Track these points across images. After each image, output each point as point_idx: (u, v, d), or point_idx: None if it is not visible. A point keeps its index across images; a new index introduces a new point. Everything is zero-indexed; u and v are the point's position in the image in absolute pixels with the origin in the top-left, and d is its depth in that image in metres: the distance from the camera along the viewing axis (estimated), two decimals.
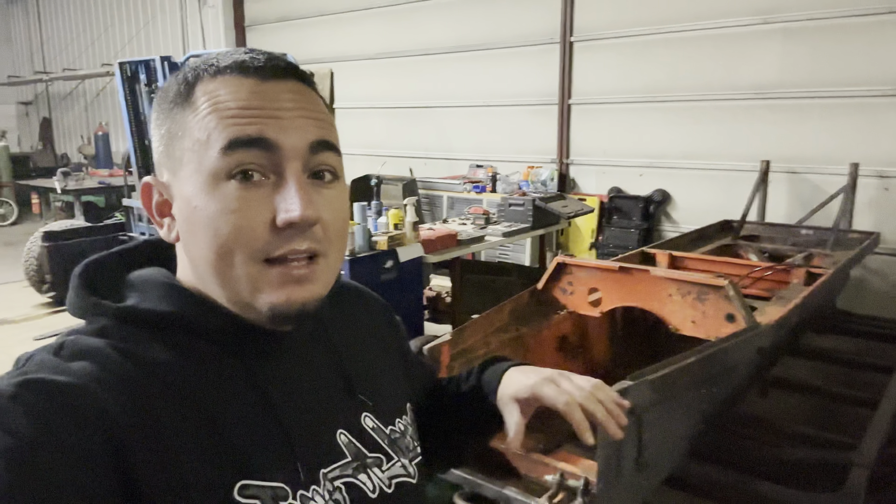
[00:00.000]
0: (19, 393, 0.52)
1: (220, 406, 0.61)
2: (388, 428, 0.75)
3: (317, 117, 0.65)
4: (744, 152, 5.11)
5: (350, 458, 0.69)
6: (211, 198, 0.60)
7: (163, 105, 0.66)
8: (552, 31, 6.02)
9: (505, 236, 4.16)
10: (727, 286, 2.44)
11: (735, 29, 5.07)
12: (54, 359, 0.58)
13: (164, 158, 0.65)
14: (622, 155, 5.81)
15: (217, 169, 0.60)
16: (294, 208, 0.60)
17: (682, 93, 5.39)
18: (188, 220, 0.63)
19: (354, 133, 7.87)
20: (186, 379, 0.61)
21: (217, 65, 0.63)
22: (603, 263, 2.85)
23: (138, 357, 0.60)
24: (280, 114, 0.62)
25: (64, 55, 12.50)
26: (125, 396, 0.56)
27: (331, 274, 0.66)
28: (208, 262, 0.62)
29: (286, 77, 0.64)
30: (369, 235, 3.35)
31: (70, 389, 0.54)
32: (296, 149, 0.62)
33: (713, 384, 2.24)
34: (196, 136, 0.61)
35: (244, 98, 0.61)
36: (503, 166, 6.32)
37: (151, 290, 0.65)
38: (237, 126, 0.60)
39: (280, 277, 0.61)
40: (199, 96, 0.62)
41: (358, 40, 7.64)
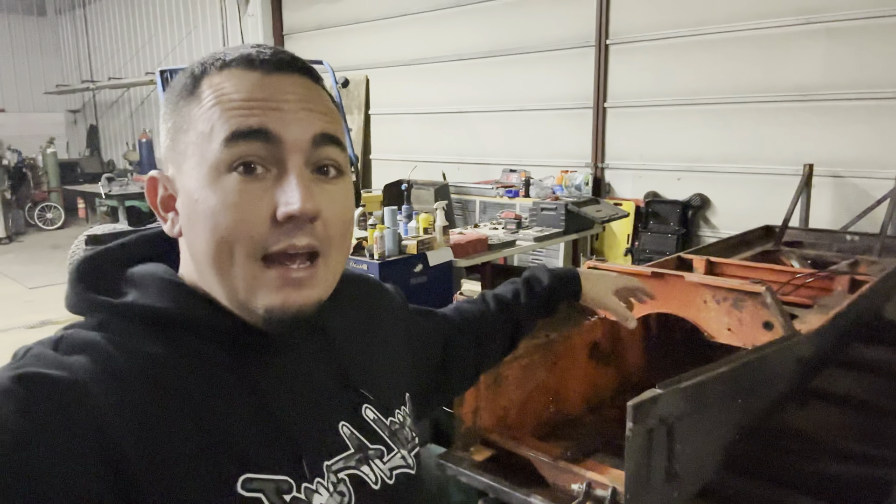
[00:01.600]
0: (13, 387, 0.52)
1: (218, 403, 0.61)
2: (388, 419, 0.75)
3: (321, 111, 0.64)
4: (786, 156, 4.97)
5: (353, 449, 0.68)
6: (212, 191, 0.60)
7: (170, 99, 0.66)
8: (587, 34, 5.95)
9: (537, 241, 4.12)
10: (764, 292, 2.35)
11: (776, 29, 4.93)
12: (52, 353, 0.57)
13: (170, 153, 0.65)
14: (659, 159, 5.71)
15: (219, 161, 0.60)
16: (294, 201, 0.59)
17: (722, 95, 5.27)
18: (189, 214, 0.62)
19: (389, 139, 7.94)
20: (183, 375, 0.60)
21: (224, 59, 0.64)
22: (635, 268, 2.79)
23: (136, 352, 0.59)
24: (283, 106, 0.61)
25: (110, 64, 12.89)
26: (121, 393, 0.56)
27: (331, 276, 0.65)
28: (208, 256, 0.61)
29: (291, 70, 0.64)
30: (399, 239, 3.35)
31: (65, 385, 0.53)
32: (298, 141, 0.61)
33: (749, 394, 2.16)
34: (200, 129, 0.61)
35: (247, 90, 0.61)
36: (537, 171, 6.27)
37: (150, 286, 0.65)
38: (240, 118, 0.60)
39: (278, 279, 0.61)
40: (205, 89, 0.62)
41: (393, 47, 7.69)
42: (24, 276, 7.53)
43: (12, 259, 8.68)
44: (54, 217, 11.14)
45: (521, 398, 2.46)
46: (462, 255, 3.58)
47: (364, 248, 3.31)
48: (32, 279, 7.36)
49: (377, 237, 3.23)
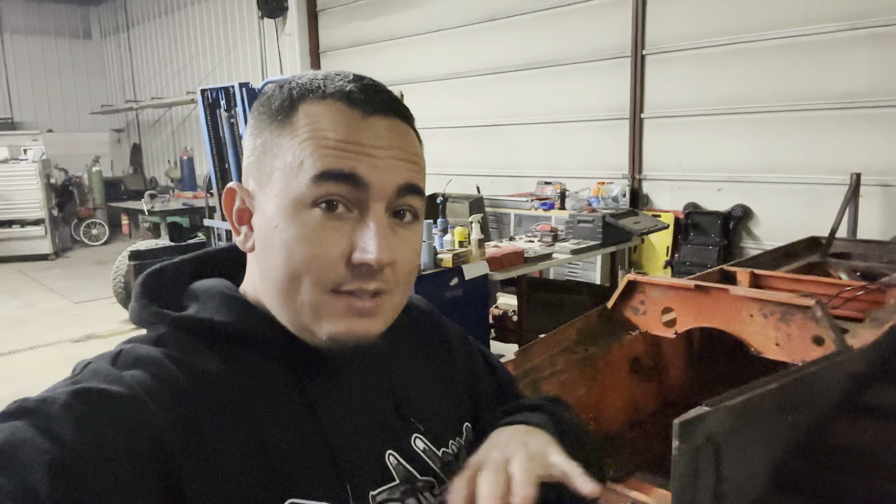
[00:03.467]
0: (71, 402, 0.52)
1: (271, 422, 0.61)
2: (440, 450, 0.72)
3: (410, 159, 0.65)
4: (832, 165, 4.82)
5: (398, 480, 0.67)
6: (292, 222, 0.61)
7: (262, 116, 0.66)
8: (622, 44, 5.90)
9: (573, 253, 4.06)
10: (814, 306, 2.27)
11: (820, 36, 4.81)
12: (110, 367, 0.58)
13: (254, 169, 0.65)
14: (699, 169, 5.60)
15: (303, 196, 0.61)
16: (371, 250, 0.60)
17: (763, 104, 5.15)
18: (266, 237, 0.63)
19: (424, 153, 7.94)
20: (239, 392, 0.61)
21: (324, 89, 0.64)
22: (677, 282, 2.72)
23: (193, 368, 0.60)
24: (375, 152, 0.62)
25: (152, 85, 13.26)
26: (176, 409, 0.56)
27: (394, 311, 0.66)
28: (277, 283, 0.62)
29: (389, 113, 0.64)
30: (435, 253, 3.33)
31: (122, 400, 0.54)
32: (384, 189, 0.62)
33: (799, 411, 2.08)
34: (289, 160, 0.62)
35: (344, 130, 0.61)
36: (572, 183, 6.21)
37: (211, 300, 0.66)
38: (332, 158, 0.61)
39: (344, 308, 0.61)
40: (301, 118, 0.62)
41: (427, 62, 7.74)
42: (70, 291, 7.73)
43: (58, 274, 8.93)
44: (99, 233, 11.45)
45: None
46: (498, 268, 3.55)
47: None
48: (78, 294, 7.56)
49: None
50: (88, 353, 2.26)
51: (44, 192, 9.93)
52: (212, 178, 5.97)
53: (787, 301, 2.37)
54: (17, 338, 5.88)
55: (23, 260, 9.80)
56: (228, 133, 5.59)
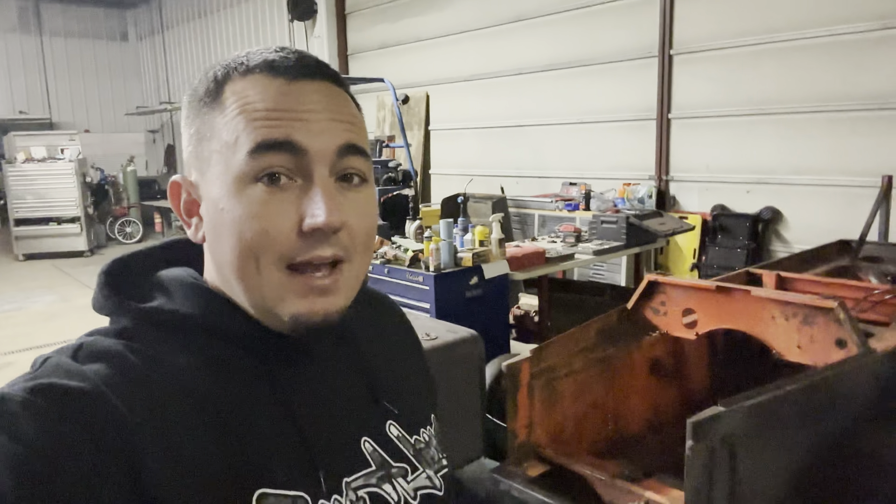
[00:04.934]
0: (29, 399, 0.51)
1: (241, 412, 0.60)
2: (412, 437, 0.72)
3: (346, 120, 0.63)
4: (863, 167, 4.72)
5: (374, 467, 0.66)
6: (237, 201, 0.59)
7: (192, 104, 0.65)
8: (650, 45, 5.85)
9: (596, 254, 4.04)
10: (837, 308, 2.23)
11: (851, 36, 4.71)
12: (70, 361, 0.57)
13: (193, 158, 0.64)
14: (727, 171, 5.52)
15: (244, 172, 0.59)
16: (319, 213, 0.59)
17: (793, 104, 5.06)
18: (214, 222, 0.62)
19: (448, 154, 7.99)
20: (206, 384, 0.60)
21: (247, 63, 0.63)
22: (699, 282, 2.69)
23: (157, 360, 0.59)
24: (308, 116, 0.60)
25: (186, 86, 13.47)
26: (140, 402, 0.55)
27: (354, 282, 0.64)
28: (232, 265, 0.61)
29: (315, 77, 0.63)
30: (455, 252, 3.34)
31: (82, 395, 0.53)
32: (323, 152, 0.61)
33: (820, 414, 2.04)
34: (224, 138, 0.61)
35: (272, 99, 0.60)
36: (598, 184, 6.17)
37: (177, 291, 0.65)
38: (264, 129, 0.59)
39: (303, 287, 0.60)
40: (228, 96, 0.62)
41: (453, 63, 7.76)
42: None
43: (93, 271, 9.07)
44: (133, 231, 11.71)
45: (576, 414, 2.40)
46: (518, 268, 3.54)
47: (420, 261, 3.32)
48: None
49: (433, 249, 3.24)
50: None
51: (80, 190, 10.18)
52: None
53: (810, 303, 2.33)
54: (50, 331, 6.03)
55: (59, 257, 10.06)
56: None
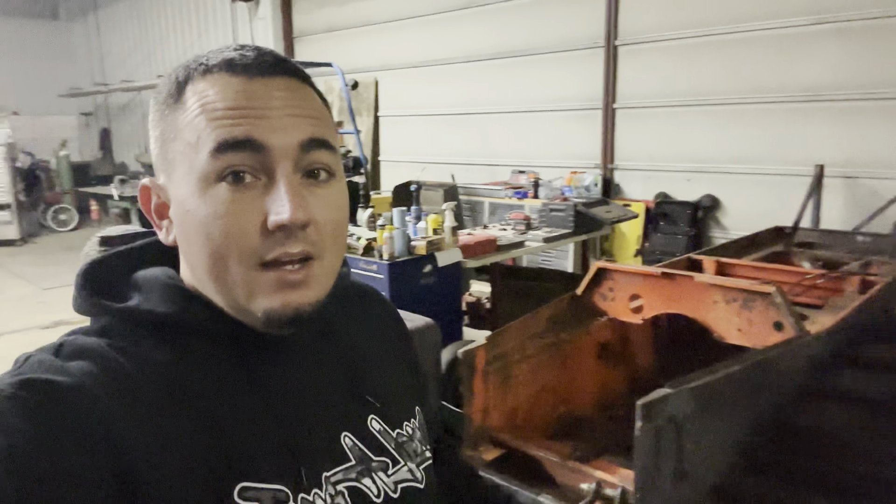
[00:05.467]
0: (16, 393, 0.52)
1: (221, 408, 0.60)
2: (395, 431, 0.73)
3: (309, 114, 0.63)
4: (797, 156, 4.95)
5: (354, 461, 0.67)
6: (202, 201, 0.60)
7: (157, 107, 0.65)
8: (596, 35, 5.95)
9: (545, 242, 4.12)
10: (774, 293, 2.35)
11: (786, 30, 4.91)
12: (53, 358, 0.57)
13: (160, 161, 0.64)
14: (669, 160, 5.70)
15: (207, 172, 0.59)
16: (283, 210, 0.59)
17: (732, 96, 5.26)
18: (183, 223, 0.62)
19: (398, 140, 7.96)
20: (187, 379, 0.60)
21: (206, 63, 0.63)
22: (645, 269, 2.79)
23: (138, 357, 0.59)
24: (268, 113, 0.60)
25: (122, 67, 13.00)
26: (123, 396, 0.56)
27: (327, 277, 0.65)
28: (203, 265, 0.62)
29: (275, 73, 0.63)
30: (408, 240, 3.36)
31: (67, 389, 0.54)
32: (285, 148, 0.60)
33: (759, 394, 2.16)
34: (186, 139, 0.61)
35: (231, 98, 0.60)
36: (546, 172, 6.27)
37: (154, 291, 0.65)
38: (225, 128, 0.59)
39: (275, 282, 0.61)
40: (189, 97, 0.62)
41: (402, 49, 7.72)
42: (38, 278, 7.60)
43: (26, 261, 8.76)
44: (67, 219, 11.24)
45: (530, 398, 2.46)
46: (471, 255, 3.59)
47: (374, 249, 3.32)
48: (46, 280, 7.43)
49: (386, 238, 3.24)
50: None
51: (10, 176, 9.71)
52: None
53: (749, 288, 2.44)
54: None
55: None
56: None
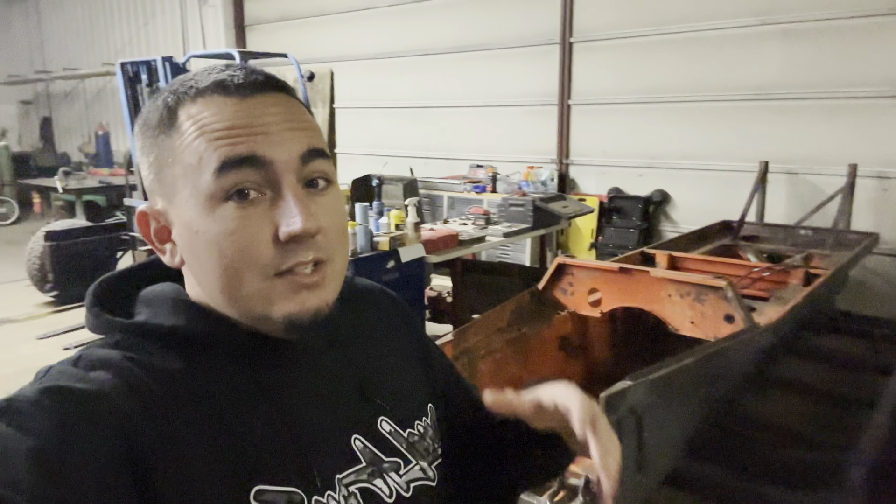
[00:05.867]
0: (40, 399, 0.54)
1: (234, 415, 0.62)
2: (406, 431, 0.75)
3: (303, 127, 0.65)
4: (743, 153, 5.13)
5: (365, 463, 0.69)
6: (211, 221, 0.61)
7: (147, 133, 0.66)
8: (552, 31, 6.04)
9: (506, 237, 4.18)
10: (726, 287, 2.46)
11: (734, 30, 5.09)
12: (73, 369, 0.59)
13: (156, 185, 0.65)
14: (622, 155, 5.84)
15: (212, 192, 0.61)
16: (295, 222, 0.60)
17: (682, 93, 5.41)
18: (191, 245, 0.63)
19: (355, 133, 7.90)
20: (199, 388, 0.62)
21: (196, 86, 0.63)
22: (603, 264, 2.87)
23: (152, 367, 0.61)
24: (267, 129, 0.62)
25: (64, 54, 12.51)
26: (141, 404, 0.57)
27: (338, 277, 0.67)
28: (217, 284, 0.63)
29: (266, 90, 0.64)
30: (371, 236, 3.37)
31: (89, 395, 0.55)
32: (288, 162, 0.62)
33: (712, 384, 2.26)
34: (187, 161, 0.62)
35: (229, 118, 0.62)
36: (503, 166, 6.35)
37: (161, 306, 0.67)
38: (227, 147, 0.61)
39: (291, 287, 0.63)
40: (184, 121, 0.63)
41: (358, 40, 7.66)
42: None
43: None
44: (7, 211, 10.78)
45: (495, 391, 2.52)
46: (433, 250, 3.62)
47: None
48: None
49: (349, 234, 3.24)
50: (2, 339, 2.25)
51: None
52: (133, 155, 5.74)
53: (702, 282, 2.55)
54: None
55: None
56: None
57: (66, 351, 4.56)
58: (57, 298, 5.81)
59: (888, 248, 4.60)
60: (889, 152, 4.57)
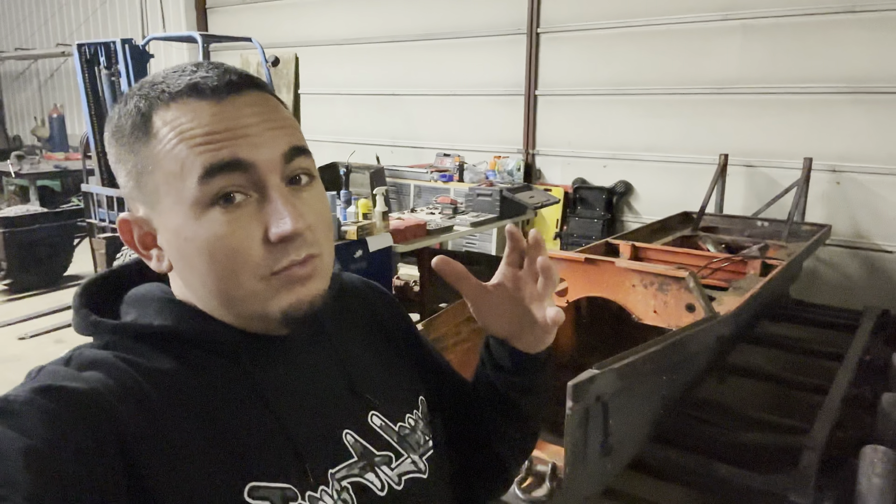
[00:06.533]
0: (33, 398, 0.53)
1: (225, 412, 0.63)
2: (396, 424, 0.76)
3: (283, 125, 0.65)
4: (704, 145, 5.25)
5: (356, 457, 0.70)
6: (199, 227, 0.61)
7: (121, 140, 0.64)
8: (519, 21, 6.06)
9: (473, 226, 4.21)
10: (687, 277, 2.53)
11: (697, 24, 5.19)
12: (65, 368, 0.59)
13: (136, 193, 0.65)
14: (587, 146, 5.91)
15: (197, 198, 0.60)
16: (284, 223, 0.61)
17: (646, 86, 5.50)
18: (180, 252, 0.63)
19: (320, 119, 7.81)
20: (190, 387, 0.62)
21: (169, 90, 0.62)
22: (569, 255, 2.92)
23: (143, 367, 0.61)
24: (247, 131, 0.62)
25: (16, 34, 12.04)
26: (133, 403, 0.58)
27: (328, 269, 0.68)
28: (210, 286, 0.63)
29: (242, 90, 0.63)
30: (339, 225, 3.36)
31: (82, 394, 0.55)
32: (271, 162, 0.62)
33: (674, 371, 2.32)
34: (168, 169, 0.61)
35: (207, 122, 0.61)
36: (470, 155, 6.36)
37: (148, 307, 0.67)
38: (209, 153, 0.60)
39: (286, 282, 0.63)
40: (160, 127, 0.62)
41: (324, 25, 7.56)
42: None
43: None
44: None
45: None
46: (401, 240, 3.63)
47: None
48: None
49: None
50: None
51: None
52: (90, 139, 5.58)
53: (665, 273, 2.62)
54: None
55: None
56: (109, 92, 5.23)
57: (21, 340, 4.46)
58: (10, 287, 5.64)
59: (840, 240, 4.78)
60: (842, 147, 4.73)
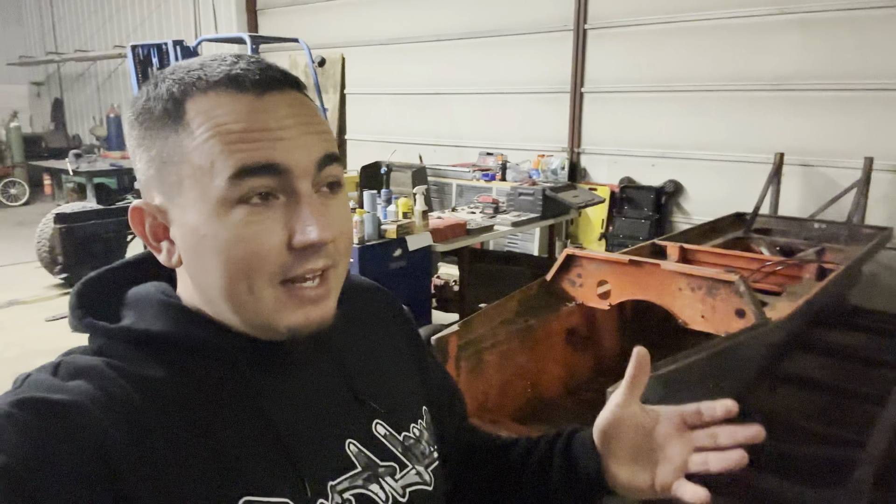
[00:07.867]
0: (13, 412, 0.51)
1: (220, 423, 0.60)
2: (401, 434, 0.73)
3: (318, 130, 0.63)
4: (758, 144, 5.06)
5: (360, 468, 0.67)
6: (221, 225, 0.58)
7: (147, 124, 0.61)
8: (566, 18, 5.96)
9: (514, 226, 4.15)
10: (737, 281, 2.42)
11: (751, 19, 5.00)
12: (51, 378, 0.57)
13: (156, 182, 0.62)
14: (634, 145, 5.77)
15: (225, 197, 0.58)
16: (311, 231, 0.59)
17: (697, 83, 5.34)
18: (195, 248, 0.61)
19: (364, 119, 7.87)
20: (184, 397, 0.60)
21: (206, 78, 0.60)
22: (612, 256, 2.84)
23: (135, 376, 0.59)
24: (284, 133, 0.59)
25: (76, 36, 12.51)
26: (122, 415, 0.55)
27: (340, 283, 0.66)
28: (220, 288, 0.61)
29: (283, 88, 0.61)
30: (378, 224, 3.35)
31: (66, 408, 0.53)
32: (305, 168, 0.60)
33: (722, 379, 2.23)
34: (197, 163, 0.59)
35: (245, 119, 0.58)
36: (513, 154, 6.30)
37: (147, 309, 0.64)
38: (243, 152, 0.58)
39: (297, 299, 0.61)
40: (193, 117, 0.59)
41: (369, 25, 7.60)
42: None
43: None
44: (18, 193, 10.85)
45: (500, 382, 2.50)
46: (441, 239, 3.60)
47: None
48: None
49: (357, 221, 3.23)
50: (11, 320, 2.25)
51: None
52: None
53: (713, 276, 2.51)
54: None
55: None
56: None
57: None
58: (66, 281, 5.84)
59: None
60: None
